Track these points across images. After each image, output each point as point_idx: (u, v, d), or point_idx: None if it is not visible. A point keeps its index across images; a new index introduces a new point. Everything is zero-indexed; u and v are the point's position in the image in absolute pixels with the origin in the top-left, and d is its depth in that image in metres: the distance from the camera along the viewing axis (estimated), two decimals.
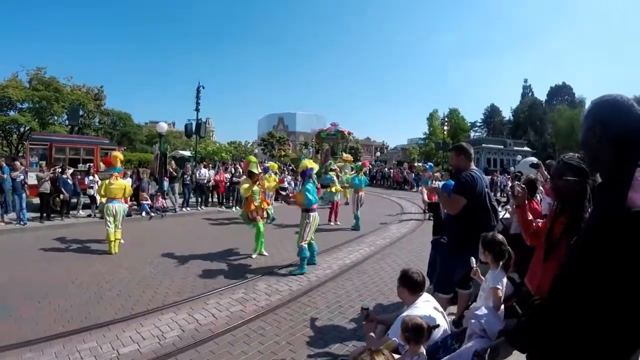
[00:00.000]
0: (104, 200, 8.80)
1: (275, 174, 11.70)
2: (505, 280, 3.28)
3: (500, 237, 3.49)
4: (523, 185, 3.31)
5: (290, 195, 9.31)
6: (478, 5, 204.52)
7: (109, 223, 8.44)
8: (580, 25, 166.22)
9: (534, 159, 6.95)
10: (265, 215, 8.62)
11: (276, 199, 13.88)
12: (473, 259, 3.58)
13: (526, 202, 3.27)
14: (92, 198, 13.52)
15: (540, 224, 3.18)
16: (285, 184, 17.11)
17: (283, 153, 57.12)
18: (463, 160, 4.39)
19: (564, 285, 1.47)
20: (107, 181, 8.80)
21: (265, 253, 8.56)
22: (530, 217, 3.23)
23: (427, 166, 17.35)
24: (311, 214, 7.45)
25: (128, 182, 9.98)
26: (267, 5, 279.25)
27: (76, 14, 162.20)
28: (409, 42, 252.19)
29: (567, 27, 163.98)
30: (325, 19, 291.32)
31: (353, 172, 15.84)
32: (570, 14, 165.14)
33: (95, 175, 13.78)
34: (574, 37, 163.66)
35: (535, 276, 2.82)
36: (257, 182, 8.52)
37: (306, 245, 7.33)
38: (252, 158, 9.17)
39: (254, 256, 8.31)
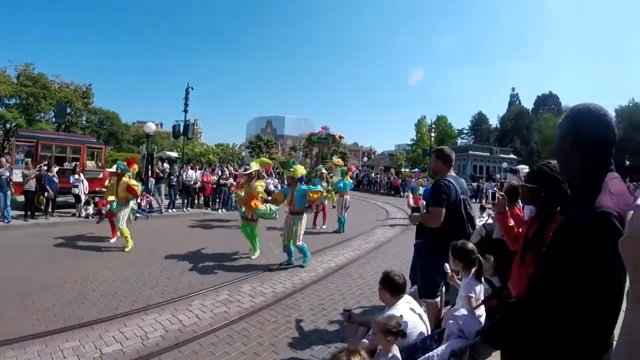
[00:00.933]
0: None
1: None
2: (479, 287, 3.35)
3: (470, 245, 3.54)
4: (502, 193, 3.36)
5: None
6: (467, 15, 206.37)
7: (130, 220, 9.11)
8: (569, 36, 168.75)
9: (524, 167, 6.99)
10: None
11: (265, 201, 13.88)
12: (447, 265, 3.65)
13: (507, 208, 3.33)
14: (77, 197, 13.43)
15: (521, 230, 3.25)
16: (272, 187, 17.10)
17: (271, 156, 56.98)
18: (441, 165, 4.37)
19: (538, 285, 1.54)
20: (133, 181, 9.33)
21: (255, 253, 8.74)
22: (512, 223, 3.28)
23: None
24: (305, 215, 7.93)
25: None
26: (256, 10, 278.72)
27: (71, 13, 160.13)
28: (398, 49, 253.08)
29: (555, 39, 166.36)
30: (314, 26, 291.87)
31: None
32: (559, 26, 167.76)
33: (81, 174, 13.66)
34: (562, 48, 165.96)
35: (515, 280, 2.91)
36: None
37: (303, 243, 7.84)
38: (264, 159, 9.27)
39: (255, 257, 8.56)
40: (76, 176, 13.38)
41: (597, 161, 1.57)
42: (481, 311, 3.20)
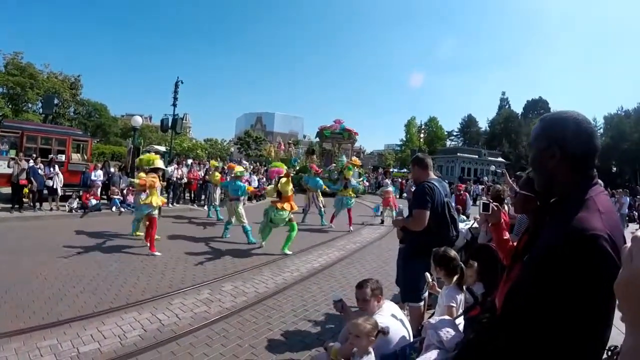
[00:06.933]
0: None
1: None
2: (460, 296, 3.30)
3: (452, 253, 3.47)
4: (496, 204, 2.93)
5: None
6: (460, 22, 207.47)
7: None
8: (557, 43, 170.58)
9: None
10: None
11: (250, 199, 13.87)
12: (428, 275, 3.58)
13: (502, 220, 2.94)
14: (52, 190, 13.06)
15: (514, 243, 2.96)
16: (256, 184, 17.03)
17: (262, 152, 56.48)
18: (419, 171, 4.37)
19: (514, 306, 1.43)
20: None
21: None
22: (507, 235, 2.87)
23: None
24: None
25: None
26: (247, 7, 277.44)
27: (64, 4, 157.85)
28: (390, 52, 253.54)
29: (544, 46, 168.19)
30: (306, 25, 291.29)
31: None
32: (547, 34, 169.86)
33: (56, 167, 13.36)
34: (552, 55, 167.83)
35: (500, 295, 2.75)
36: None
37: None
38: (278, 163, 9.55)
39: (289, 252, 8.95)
40: (51, 168, 13.12)
41: (583, 173, 1.47)
42: (460, 321, 3.14)
